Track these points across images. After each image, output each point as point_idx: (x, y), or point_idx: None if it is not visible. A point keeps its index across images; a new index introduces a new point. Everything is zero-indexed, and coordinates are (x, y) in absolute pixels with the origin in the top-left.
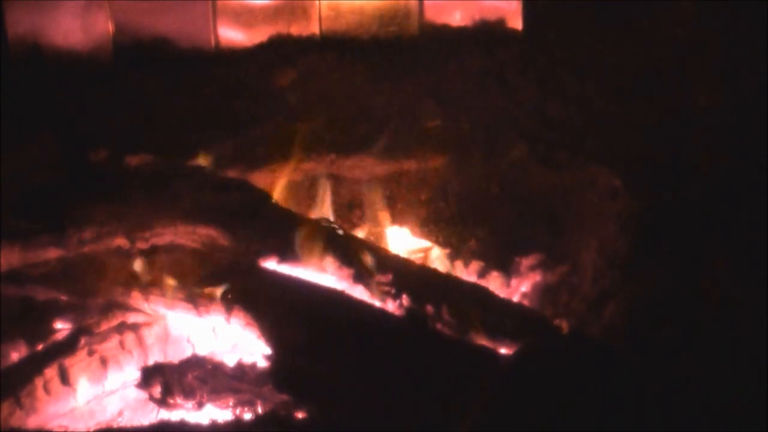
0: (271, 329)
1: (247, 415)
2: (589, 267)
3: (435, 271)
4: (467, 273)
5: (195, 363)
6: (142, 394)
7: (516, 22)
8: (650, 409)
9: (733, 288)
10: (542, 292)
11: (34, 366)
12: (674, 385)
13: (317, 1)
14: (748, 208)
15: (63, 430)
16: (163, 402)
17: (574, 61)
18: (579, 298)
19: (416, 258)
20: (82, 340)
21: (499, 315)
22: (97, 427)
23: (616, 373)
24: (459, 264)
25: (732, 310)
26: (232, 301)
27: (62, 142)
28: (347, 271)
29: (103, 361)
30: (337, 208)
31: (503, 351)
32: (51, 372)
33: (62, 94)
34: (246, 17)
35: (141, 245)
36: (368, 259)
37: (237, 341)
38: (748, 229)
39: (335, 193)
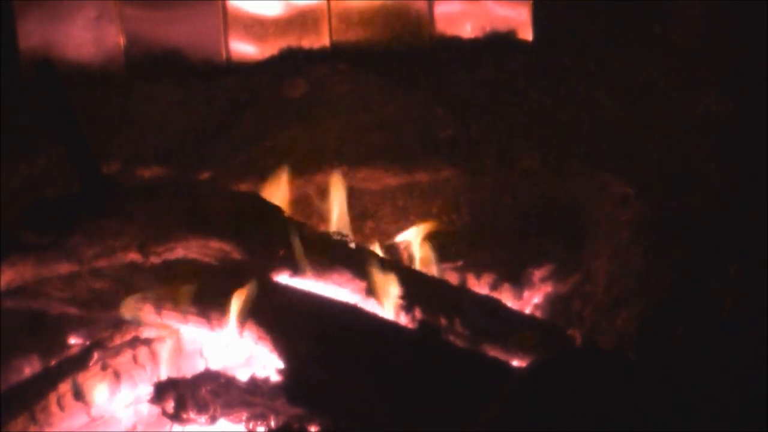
0: (284, 343)
1: (261, 429)
2: (601, 275)
3: (447, 284)
4: (479, 285)
5: (208, 377)
6: (156, 409)
7: (526, 33)
8: (663, 417)
9: (744, 295)
10: (555, 302)
11: (47, 381)
12: (687, 392)
13: (327, 14)
14: (760, 215)
15: None
16: (176, 416)
17: (585, 69)
18: (591, 307)
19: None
20: (96, 355)
21: (512, 327)
22: None
23: (630, 383)
24: (471, 276)
25: (744, 317)
26: (245, 315)
27: (73, 153)
28: (360, 284)
29: (117, 376)
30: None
31: (516, 363)
32: (64, 387)
33: (73, 105)
34: (257, 30)
35: (154, 260)
36: (381, 272)
37: (250, 355)
38: (761, 237)
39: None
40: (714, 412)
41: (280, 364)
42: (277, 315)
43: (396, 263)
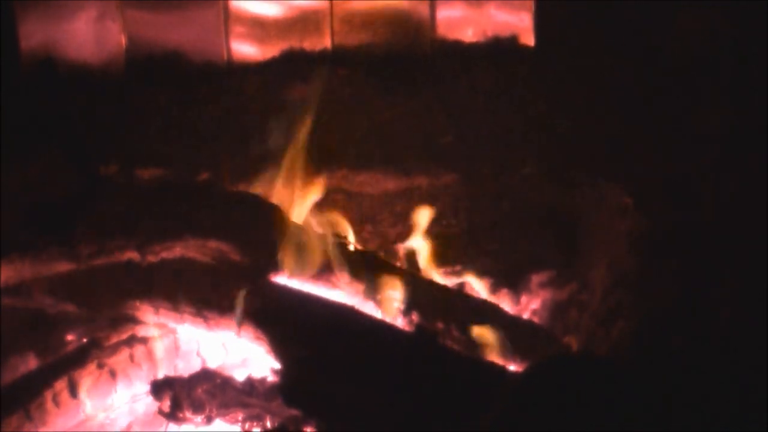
0: (280, 343)
1: (256, 430)
2: (598, 284)
3: (445, 288)
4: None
5: (204, 377)
6: (151, 408)
7: (528, 39)
8: (659, 426)
9: (741, 306)
10: (552, 309)
11: (43, 378)
12: (683, 401)
13: (330, 16)
14: (757, 226)
15: None
16: (172, 416)
17: (586, 78)
18: (588, 315)
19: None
20: (92, 353)
21: (509, 332)
22: None
23: (626, 390)
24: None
25: (740, 328)
26: (242, 315)
27: (73, 154)
28: (358, 287)
29: (113, 375)
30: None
31: (513, 368)
32: (60, 385)
33: (74, 106)
34: (258, 31)
35: (151, 259)
36: (379, 275)
37: (247, 355)
38: (758, 248)
39: (346, 209)
40: (710, 420)
41: (277, 365)
42: (275, 316)
43: (394, 267)
